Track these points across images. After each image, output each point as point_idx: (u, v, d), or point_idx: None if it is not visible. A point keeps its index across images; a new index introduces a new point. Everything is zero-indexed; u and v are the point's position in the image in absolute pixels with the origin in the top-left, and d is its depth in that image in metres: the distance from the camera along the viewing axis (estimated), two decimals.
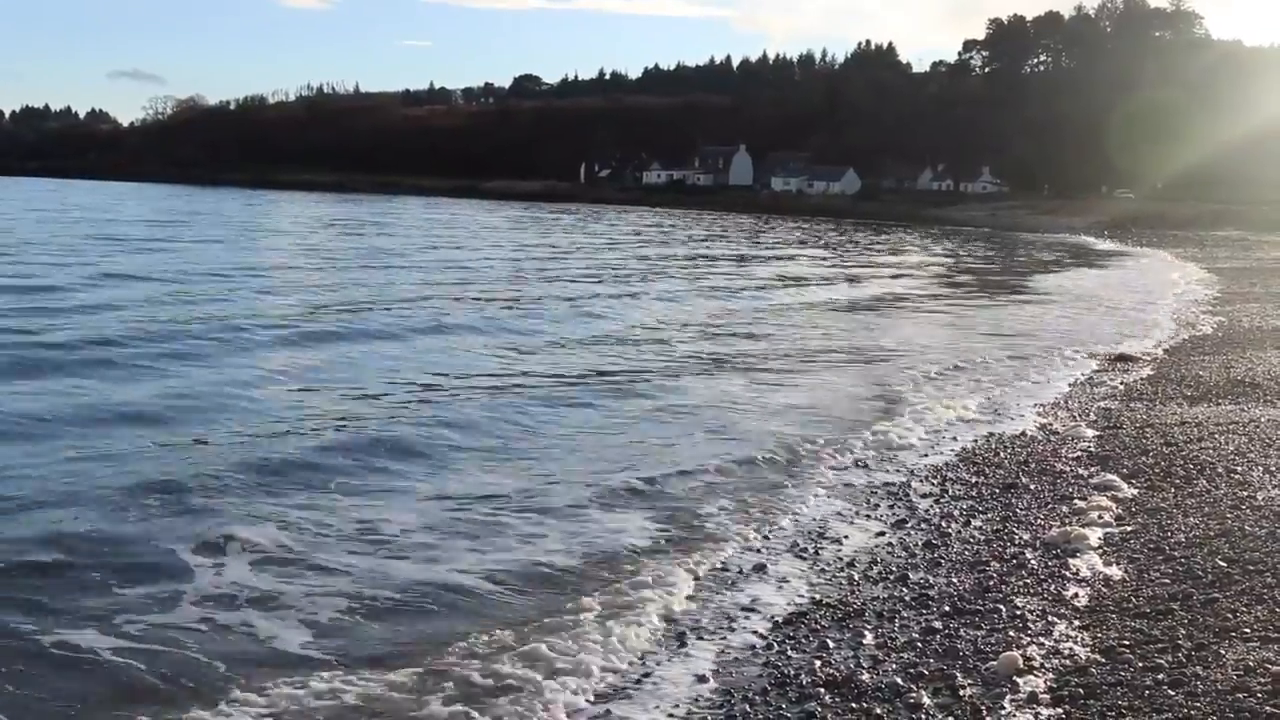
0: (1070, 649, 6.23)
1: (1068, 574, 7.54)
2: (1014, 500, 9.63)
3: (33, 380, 14.02)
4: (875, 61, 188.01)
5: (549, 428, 12.46)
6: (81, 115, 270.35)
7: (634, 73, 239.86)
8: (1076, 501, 9.40)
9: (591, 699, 5.97)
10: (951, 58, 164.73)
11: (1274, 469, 9.82)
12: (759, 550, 8.43)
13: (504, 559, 8.07)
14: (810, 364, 18.02)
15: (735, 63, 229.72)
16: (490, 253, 44.13)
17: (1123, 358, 18.83)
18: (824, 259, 49.07)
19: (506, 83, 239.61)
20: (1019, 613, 6.83)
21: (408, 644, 6.63)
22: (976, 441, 12.15)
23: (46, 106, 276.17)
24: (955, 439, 12.36)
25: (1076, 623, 6.63)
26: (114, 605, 7.04)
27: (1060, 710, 5.50)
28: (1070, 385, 16.11)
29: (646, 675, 6.25)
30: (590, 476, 10.34)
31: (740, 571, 7.95)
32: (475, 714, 5.76)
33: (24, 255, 32.52)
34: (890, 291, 33.24)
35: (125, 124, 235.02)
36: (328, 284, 28.08)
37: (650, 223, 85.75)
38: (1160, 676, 5.70)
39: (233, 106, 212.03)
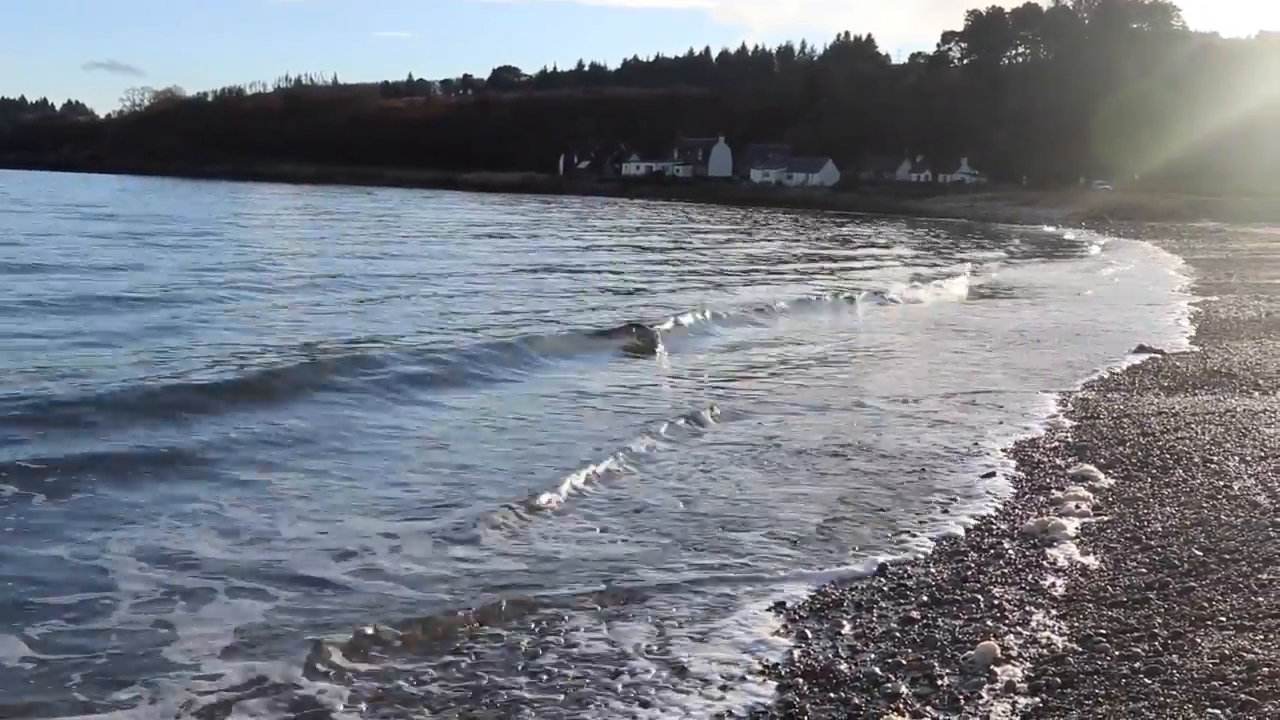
0: (1048, 638, 6.24)
1: (1045, 564, 7.55)
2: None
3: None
4: (854, 53, 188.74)
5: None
6: (58, 107, 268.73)
7: (613, 64, 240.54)
8: (1054, 491, 9.41)
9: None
10: (930, 49, 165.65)
11: (1249, 459, 9.87)
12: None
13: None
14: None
15: (714, 54, 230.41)
16: (623, 253, 42.81)
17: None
18: (915, 257, 48.68)
19: (485, 74, 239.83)
20: (996, 602, 6.83)
21: None
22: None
23: (22, 98, 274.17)
24: None
25: (1054, 612, 6.64)
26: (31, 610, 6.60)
27: (1038, 699, 5.51)
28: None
29: None
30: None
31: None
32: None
33: None
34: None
35: (102, 116, 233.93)
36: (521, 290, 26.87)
37: (666, 217, 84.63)
38: (1137, 665, 5.71)
39: (210, 98, 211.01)
